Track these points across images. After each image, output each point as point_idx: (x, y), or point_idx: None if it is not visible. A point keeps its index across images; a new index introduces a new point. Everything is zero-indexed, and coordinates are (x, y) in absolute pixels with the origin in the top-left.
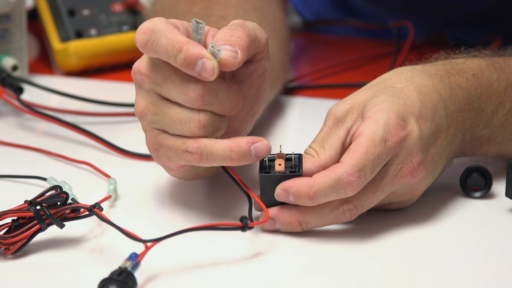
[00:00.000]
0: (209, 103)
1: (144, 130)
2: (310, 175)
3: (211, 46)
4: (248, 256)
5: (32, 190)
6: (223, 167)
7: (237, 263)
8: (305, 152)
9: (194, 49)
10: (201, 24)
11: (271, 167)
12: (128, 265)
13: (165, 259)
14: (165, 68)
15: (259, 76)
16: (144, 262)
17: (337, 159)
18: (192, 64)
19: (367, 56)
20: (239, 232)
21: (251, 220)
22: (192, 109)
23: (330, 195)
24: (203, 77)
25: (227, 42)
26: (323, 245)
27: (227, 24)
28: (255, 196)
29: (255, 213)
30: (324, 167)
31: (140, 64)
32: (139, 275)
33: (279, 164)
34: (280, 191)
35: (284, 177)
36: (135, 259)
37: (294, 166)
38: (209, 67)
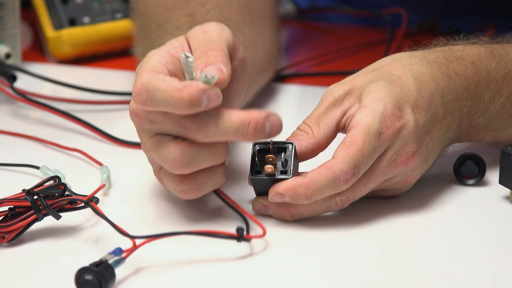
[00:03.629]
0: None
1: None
2: (304, 153)
3: (205, 77)
4: (241, 252)
5: (24, 179)
6: (215, 191)
7: (228, 259)
8: (298, 128)
9: (192, 88)
10: (190, 58)
11: (262, 160)
12: (109, 258)
13: (153, 255)
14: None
15: (242, 68)
16: (130, 257)
17: (330, 138)
18: (198, 103)
19: (361, 44)
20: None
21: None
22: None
23: (326, 192)
24: (212, 106)
25: (208, 64)
26: (317, 232)
27: (205, 11)
28: (251, 216)
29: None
30: (317, 145)
31: (135, 107)
32: (123, 269)
33: (269, 170)
34: (275, 194)
35: (275, 180)
36: (118, 253)
37: (285, 162)
38: (214, 95)
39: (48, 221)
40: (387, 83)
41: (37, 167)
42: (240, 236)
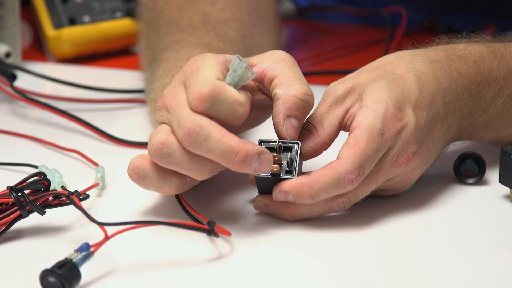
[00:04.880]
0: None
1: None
2: (309, 152)
3: (236, 57)
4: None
5: (22, 178)
6: (176, 195)
7: (227, 260)
8: (302, 127)
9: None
10: (244, 63)
11: None
12: (75, 256)
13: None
14: None
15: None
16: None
17: (333, 136)
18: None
19: (360, 43)
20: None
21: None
22: None
23: (330, 192)
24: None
25: (295, 113)
26: (317, 232)
27: (217, 10)
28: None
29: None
30: (321, 144)
31: (167, 92)
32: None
33: (275, 169)
34: (279, 193)
35: (279, 179)
36: (85, 249)
37: (290, 162)
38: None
39: (39, 220)
40: (389, 82)
41: (36, 166)
42: (211, 229)
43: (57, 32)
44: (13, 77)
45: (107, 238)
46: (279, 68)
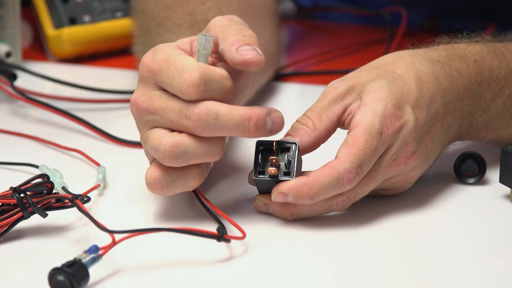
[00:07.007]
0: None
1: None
2: (305, 147)
3: (202, 35)
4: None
5: (23, 177)
6: (194, 191)
7: (227, 259)
8: (299, 121)
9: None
10: (209, 37)
11: (265, 160)
12: (84, 257)
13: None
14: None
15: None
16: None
17: (331, 131)
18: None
19: (361, 43)
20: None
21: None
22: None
23: (329, 192)
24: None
25: (243, 43)
26: (317, 232)
27: (205, 9)
28: (230, 219)
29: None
30: (318, 138)
31: (138, 97)
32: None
33: (273, 171)
34: (278, 194)
35: (278, 181)
36: (94, 251)
37: (288, 163)
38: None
39: (41, 220)
40: (388, 82)
41: (36, 166)
42: (221, 235)
43: (58, 32)
44: (13, 77)
45: (114, 243)
46: (220, 30)
